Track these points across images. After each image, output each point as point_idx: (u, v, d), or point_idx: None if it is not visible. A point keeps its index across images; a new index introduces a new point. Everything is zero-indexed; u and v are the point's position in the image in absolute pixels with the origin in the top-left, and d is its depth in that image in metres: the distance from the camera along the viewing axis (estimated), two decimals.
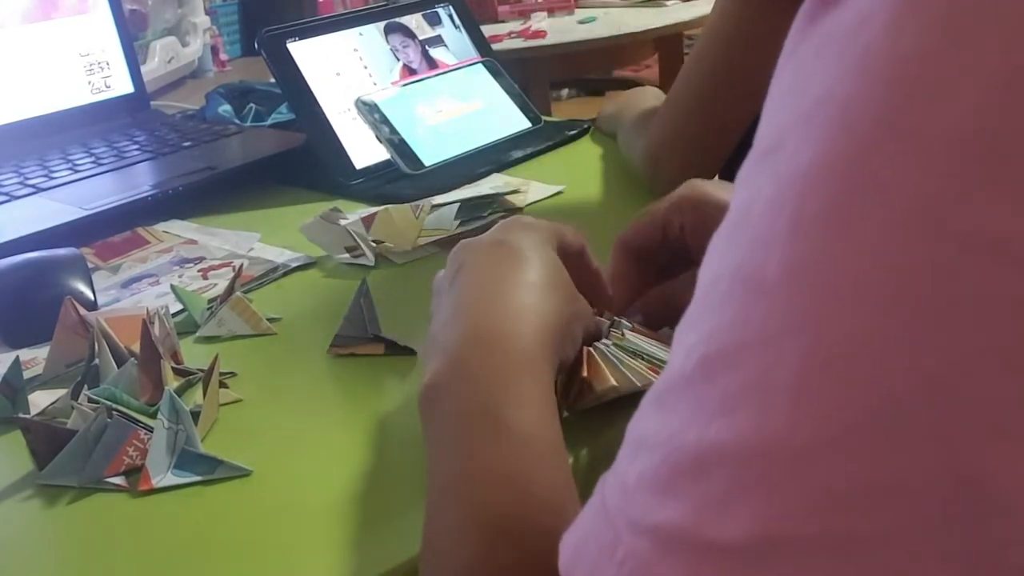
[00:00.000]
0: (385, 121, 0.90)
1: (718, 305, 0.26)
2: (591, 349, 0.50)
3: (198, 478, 0.49)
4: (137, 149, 1.00)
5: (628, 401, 0.49)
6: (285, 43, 0.93)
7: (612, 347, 0.50)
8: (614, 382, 0.49)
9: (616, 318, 0.53)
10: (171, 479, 0.49)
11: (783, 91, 0.26)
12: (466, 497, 0.38)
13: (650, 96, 0.99)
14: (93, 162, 0.96)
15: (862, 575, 0.23)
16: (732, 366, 0.25)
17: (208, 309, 0.66)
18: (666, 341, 0.52)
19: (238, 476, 0.49)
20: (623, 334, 0.51)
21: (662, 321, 0.55)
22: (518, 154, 0.95)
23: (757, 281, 0.25)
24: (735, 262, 0.26)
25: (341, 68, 0.96)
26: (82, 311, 0.61)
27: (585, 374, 0.49)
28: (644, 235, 0.56)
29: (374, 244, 0.75)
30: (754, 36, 0.76)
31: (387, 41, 1.01)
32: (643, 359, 0.50)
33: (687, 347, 0.27)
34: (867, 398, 0.22)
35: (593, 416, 0.50)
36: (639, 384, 0.49)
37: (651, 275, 0.57)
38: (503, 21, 2.11)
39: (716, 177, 0.82)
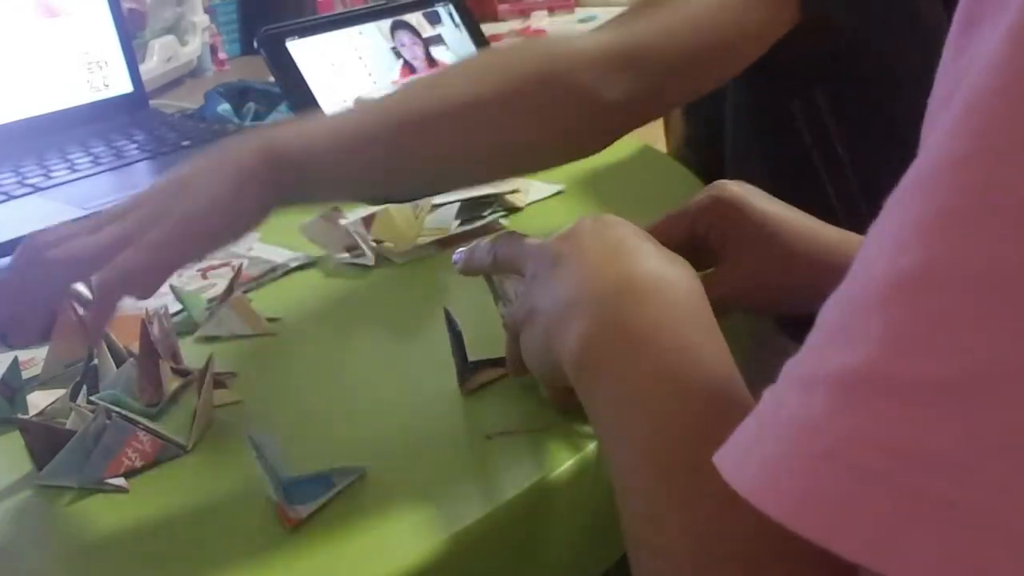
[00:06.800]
0: None
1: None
2: None
3: (327, 498, 0.46)
4: (136, 148, 1.00)
5: None
6: (284, 42, 0.93)
7: None
8: None
9: None
10: (309, 508, 0.46)
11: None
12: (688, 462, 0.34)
13: None
14: (92, 162, 0.96)
15: None
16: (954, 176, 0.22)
17: (208, 309, 0.66)
18: None
19: (356, 478, 0.48)
20: None
21: None
22: None
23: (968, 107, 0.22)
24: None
25: (341, 67, 0.96)
26: (81, 311, 0.61)
27: None
28: (674, 230, 0.56)
29: (374, 244, 0.75)
30: None
31: (392, 37, 1.01)
32: None
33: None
34: None
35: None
36: None
37: None
38: (503, 20, 2.11)
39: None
